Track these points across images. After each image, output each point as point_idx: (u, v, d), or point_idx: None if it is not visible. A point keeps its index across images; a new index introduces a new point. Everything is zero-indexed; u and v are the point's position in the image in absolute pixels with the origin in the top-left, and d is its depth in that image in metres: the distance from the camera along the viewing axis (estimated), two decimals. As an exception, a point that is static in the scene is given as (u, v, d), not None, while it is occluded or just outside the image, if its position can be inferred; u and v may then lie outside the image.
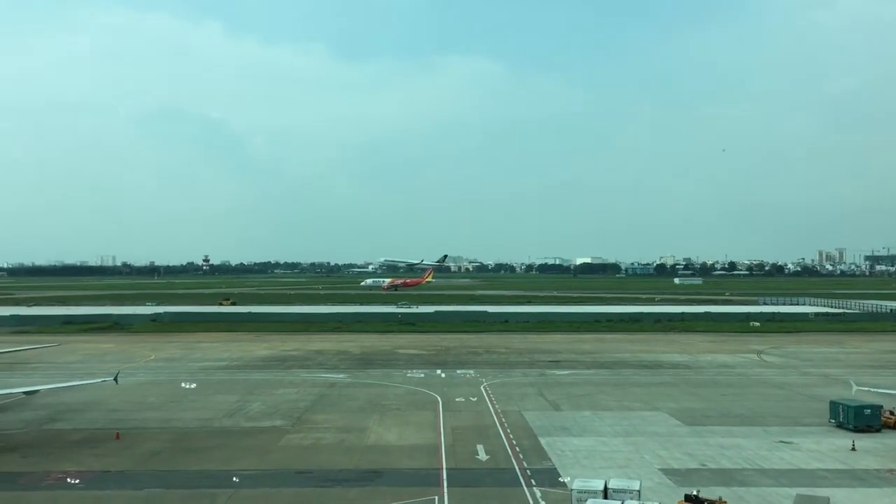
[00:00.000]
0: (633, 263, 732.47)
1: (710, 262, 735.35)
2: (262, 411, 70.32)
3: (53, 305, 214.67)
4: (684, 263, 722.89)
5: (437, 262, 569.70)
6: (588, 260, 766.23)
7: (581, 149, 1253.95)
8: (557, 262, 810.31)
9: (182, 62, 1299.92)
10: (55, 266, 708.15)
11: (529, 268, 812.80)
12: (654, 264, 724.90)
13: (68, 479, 47.41)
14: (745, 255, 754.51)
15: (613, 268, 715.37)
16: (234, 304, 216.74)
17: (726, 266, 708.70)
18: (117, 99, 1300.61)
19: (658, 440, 58.72)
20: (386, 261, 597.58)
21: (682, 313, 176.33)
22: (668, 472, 49.55)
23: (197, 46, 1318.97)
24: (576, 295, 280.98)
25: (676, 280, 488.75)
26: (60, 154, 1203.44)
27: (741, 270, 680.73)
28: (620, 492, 39.83)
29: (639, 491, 40.32)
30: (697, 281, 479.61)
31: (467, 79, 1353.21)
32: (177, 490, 45.34)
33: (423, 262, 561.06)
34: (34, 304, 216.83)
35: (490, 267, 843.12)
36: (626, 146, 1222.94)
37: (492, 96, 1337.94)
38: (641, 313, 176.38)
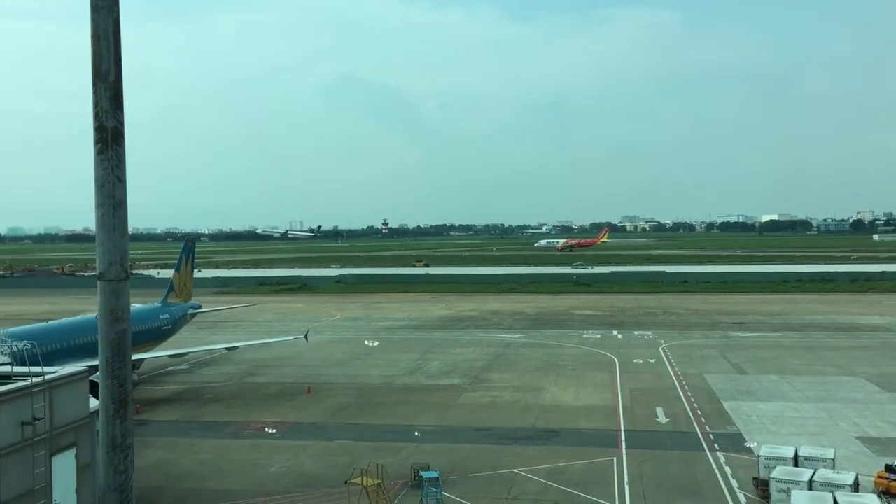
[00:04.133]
0: (825, 220, 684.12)
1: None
2: (440, 370, 72.36)
3: (248, 268, 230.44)
4: (885, 219, 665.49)
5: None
6: (775, 217, 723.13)
7: (763, 97, 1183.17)
8: (741, 220, 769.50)
9: (359, 32, 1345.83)
10: (250, 231, 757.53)
11: (710, 226, 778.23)
12: (850, 220, 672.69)
13: (266, 429, 51.08)
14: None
15: (804, 225, 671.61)
16: (426, 265, 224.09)
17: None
18: (300, 72, 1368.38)
19: (855, 407, 55.01)
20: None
21: (883, 272, 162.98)
22: (867, 441, 46.39)
23: (372, 15, 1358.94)
24: (761, 254, 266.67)
25: (876, 237, 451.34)
26: (250, 126, 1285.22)
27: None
28: (812, 460, 37.76)
29: (833, 459, 38.05)
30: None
31: (639, 30, 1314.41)
32: (363, 442, 47.69)
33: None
34: (232, 267, 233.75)
35: (668, 226, 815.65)
36: (816, 92, 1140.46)
37: (665, 47, 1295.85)
38: (836, 273, 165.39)
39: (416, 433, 49.33)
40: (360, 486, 35.98)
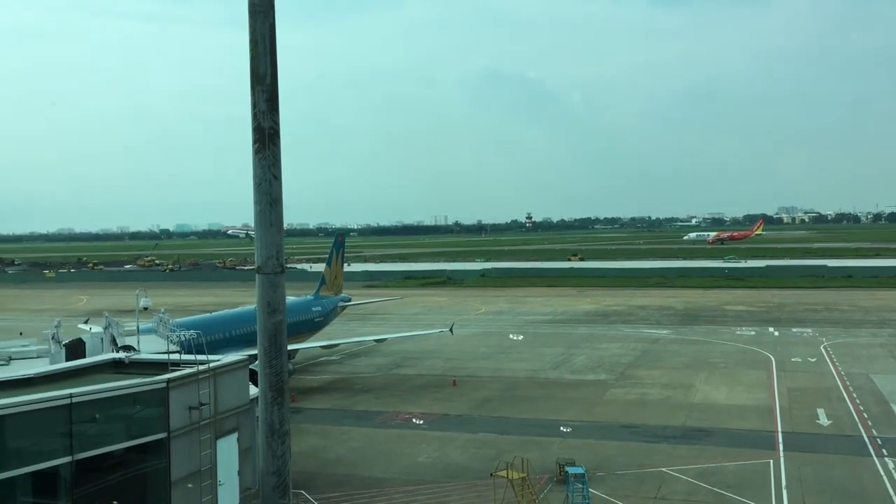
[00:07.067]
0: None
1: None
2: (585, 365, 71.45)
3: (395, 262, 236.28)
4: None
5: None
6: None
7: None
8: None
9: (502, 26, 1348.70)
10: (396, 226, 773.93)
11: (877, 217, 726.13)
12: None
13: (414, 420, 52.18)
14: None
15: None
16: (581, 259, 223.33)
17: None
18: (441, 66, 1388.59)
19: None
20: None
21: None
22: None
23: (511, 8, 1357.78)
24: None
25: None
26: (396, 122, 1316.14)
27: None
28: None
29: None
30: None
31: (796, 11, 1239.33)
32: (508, 436, 47.77)
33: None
34: (380, 261, 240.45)
35: (829, 217, 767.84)
36: None
37: (825, 28, 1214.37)
38: None
39: (562, 428, 48.91)
40: (506, 479, 36.09)
